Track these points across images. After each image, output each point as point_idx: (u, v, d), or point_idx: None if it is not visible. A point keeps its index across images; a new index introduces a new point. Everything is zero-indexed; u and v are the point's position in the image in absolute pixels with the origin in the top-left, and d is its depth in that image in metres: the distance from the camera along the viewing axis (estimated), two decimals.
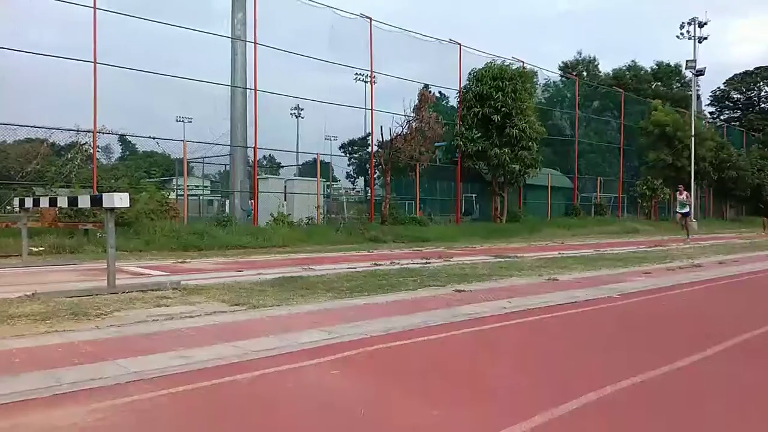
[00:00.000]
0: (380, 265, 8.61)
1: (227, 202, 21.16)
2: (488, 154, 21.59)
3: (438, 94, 27.08)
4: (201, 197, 24.59)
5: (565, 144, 29.74)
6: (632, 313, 5.16)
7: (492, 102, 21.43)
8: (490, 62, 22.74)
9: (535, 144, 22.28)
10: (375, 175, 22.52)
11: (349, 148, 47.01)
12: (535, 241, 16.79)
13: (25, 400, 2.47)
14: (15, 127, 13.89)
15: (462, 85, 23.06)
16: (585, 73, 44.85)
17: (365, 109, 21.62)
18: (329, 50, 19.59)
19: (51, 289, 5.39)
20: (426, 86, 22.09)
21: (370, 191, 23.04)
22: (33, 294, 5.05)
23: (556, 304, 5.25)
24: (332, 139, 40.03)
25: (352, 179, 48.00)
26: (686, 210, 19.09)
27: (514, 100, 21.52)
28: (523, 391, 2.80)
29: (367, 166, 23.31)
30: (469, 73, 22.79)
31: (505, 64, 22.94)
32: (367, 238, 15.70)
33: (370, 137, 21.54)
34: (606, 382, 2.81)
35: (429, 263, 9.02)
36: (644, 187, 30.03)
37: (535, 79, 26.52)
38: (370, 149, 21.97)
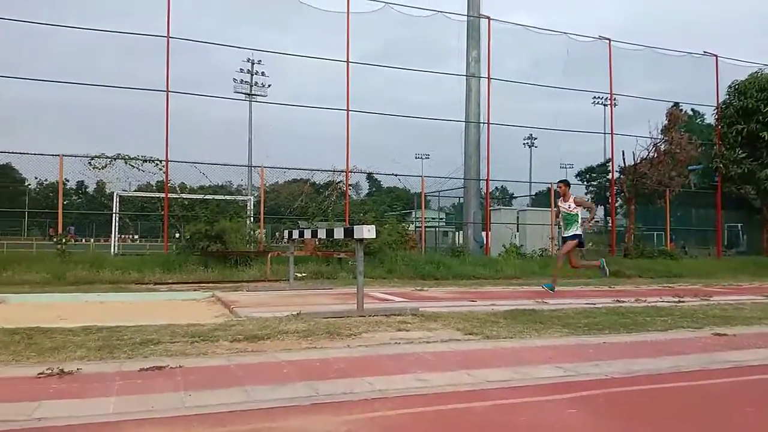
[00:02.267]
0: (623, 301, 7.98)
1: (461, 233, 21.75)
2: (757, 177, 18.68)
3: (690, 112, 24.47)
4: (437, 229, 25.69)
5: None
6: None
7: (760, 117, 18.61)
8: (756, 72, 19.86)
9: None
10: (616, 204, 21.04)
11: (587, 176, 44.82)
12: None
13: (289, 406, 2.85)
14: (285, 170, 16.33)
15: (720, 101, 20.47)
16: None
17: (604, 133, 20.54)
18: (564, 76, 19.15)
19: (311, 310, 6.14)
20: (675, 104, 20.14)
21: (610, 221, 21.57)
22: (298, 314, 5.81)
23: None
24: (567, 167, 38.71)
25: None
26: (575, 231, 9.60)
27: None
28: None
29: (608, 194, 21.92)
30: (729, 87, 20.19)
31: None
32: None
33: (611, 163, 20.28)
34: None
35: (682, 302, 8.09)
36: None
37: None
38: (610, 176, 20.67)
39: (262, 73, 42.43)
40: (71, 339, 4.41)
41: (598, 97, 27.03)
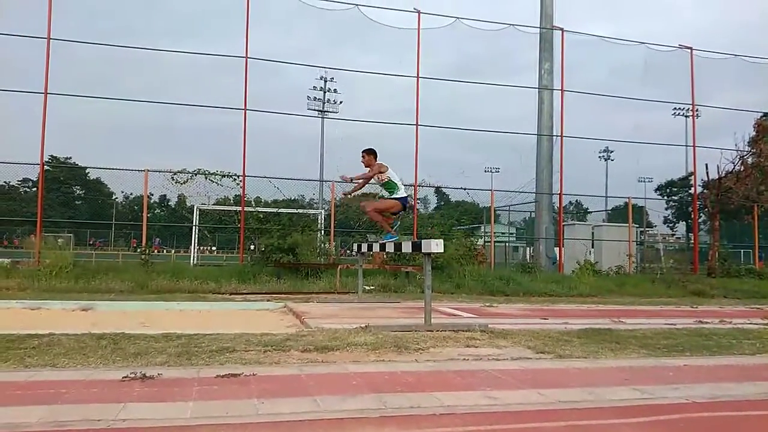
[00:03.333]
0: (706, 323, 7.55)
1: (532, 248, 21.28)
2: None
3: None
4: (507, 244, 25.29)
5: None
6: None
7: None
8: None
9: None
10: (699, 220, 20.00)
11: (667, 190, 42.84)
12: None
13: (358, 417, 2.88)
14: (355, 184, 16.57)
15: None
16: None
17: (686, 146, 19.62)
18: (642, 87, 18.53)
19: (379, 323, 6.18)
20: (765, 115, 19.01)
21: (693, 238, 20.48)
22: (366, 326, 5.86)
23: None
24: (646, 180, 37.19)
25: (671, 224, 43.43)
26: (399, 195, 8.45)
27: None
28: None
29: (690, 209, 20.88)
30: None
31: None
32: (690, 291, 13.93)
33: (693, 177, 19.32)
34: None
35: None
36: None
37: None
38: (692, 191, 19.68)
39: (335, 91, 43.46)
40: (153, 345, 4.64)
41: (679, 109, 25.91)
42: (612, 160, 44.13)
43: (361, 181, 8.78)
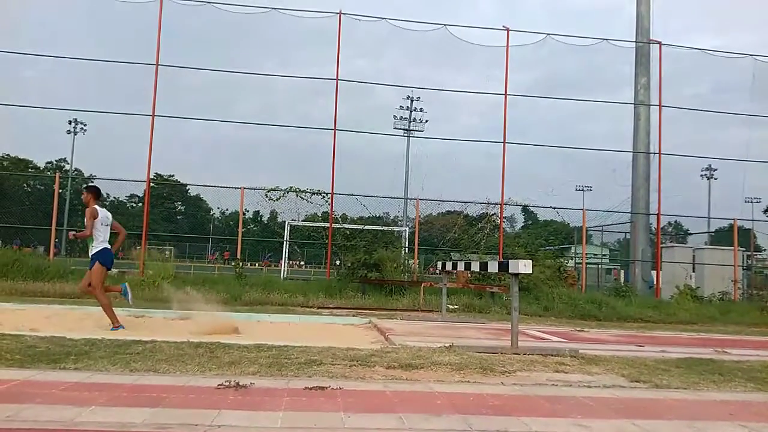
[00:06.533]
0: None
1: (627, 271, 20.26)
2: None
3: None
4: (599, 266, 24.21)
5: None
6: None
7: None
8: None
9: None
10: None
11: None
12: None
13: None
14: (439, 202, 16.59)
15: None
16: None
17: None
18: (749, 101, 17.32)
19: (464, 343, 6.11)
20: None
21: None
22: (450, 346, 5.82)
23: None
24: (754, 201, 34.50)
25: None
26: (92, 252, 7.05)
27: None
28: None
29: None
30: None
31: None
32: None
33: None
34: None
35: None
36: None
37: None
38: None
39: (421, 110, 43.75)
40: (246, 355, 4.85)
41: None
42: (715, 179, 41.42)
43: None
